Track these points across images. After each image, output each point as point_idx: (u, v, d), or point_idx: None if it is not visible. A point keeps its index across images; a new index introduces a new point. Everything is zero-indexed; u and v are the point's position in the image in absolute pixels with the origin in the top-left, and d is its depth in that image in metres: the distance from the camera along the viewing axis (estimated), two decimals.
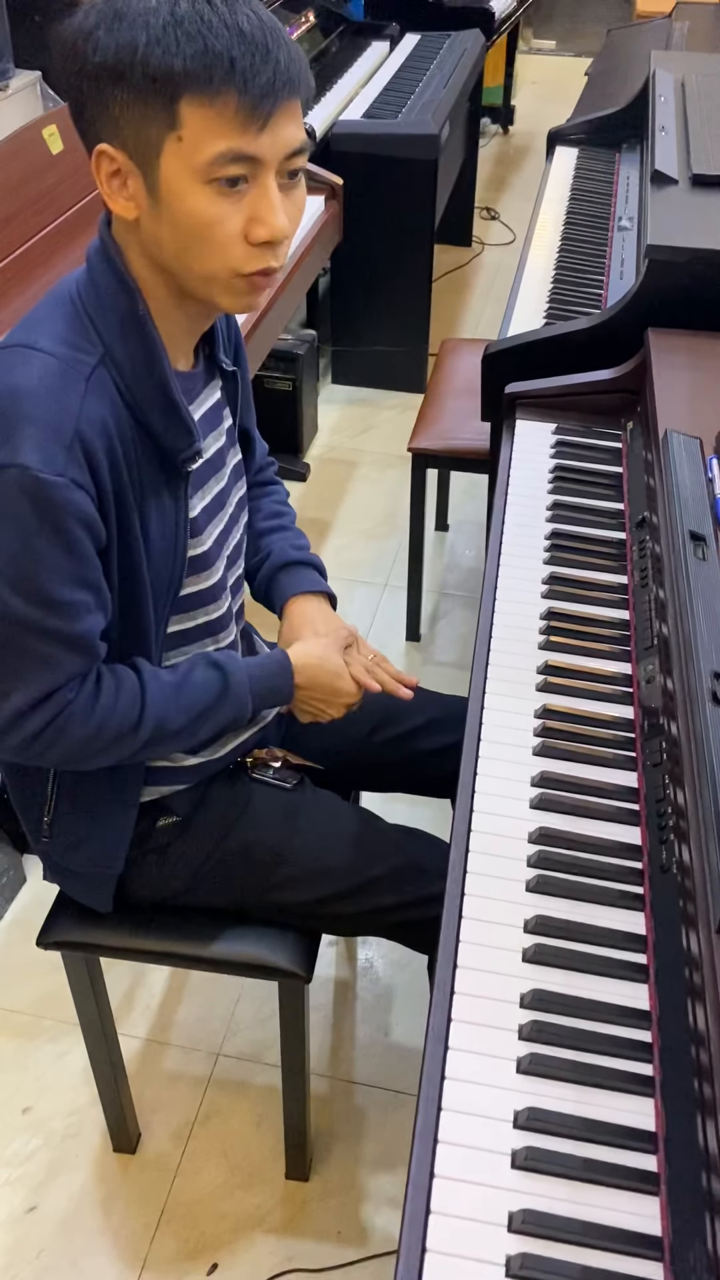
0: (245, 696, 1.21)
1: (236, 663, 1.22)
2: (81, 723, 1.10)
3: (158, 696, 1.14)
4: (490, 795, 1.11)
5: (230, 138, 0.93)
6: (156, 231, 0.99)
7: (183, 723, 1.17)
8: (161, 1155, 1.66)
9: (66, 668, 1.07)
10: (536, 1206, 0.80)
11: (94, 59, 0.93)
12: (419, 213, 3.25)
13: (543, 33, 6.97)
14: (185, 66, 0.90)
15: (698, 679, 1.03)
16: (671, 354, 1.57)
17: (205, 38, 0.90)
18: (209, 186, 0.95)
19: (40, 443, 0.97)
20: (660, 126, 2.07)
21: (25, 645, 1.05)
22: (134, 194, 0.98)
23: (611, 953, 0.97)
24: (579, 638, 1.30)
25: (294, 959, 1.33)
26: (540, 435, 1.66)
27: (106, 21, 0.92)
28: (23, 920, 1.97)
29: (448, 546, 2.91)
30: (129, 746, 1.15)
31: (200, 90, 0.91)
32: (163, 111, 0.92)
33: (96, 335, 1.03)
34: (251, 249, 0.99)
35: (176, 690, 1.16)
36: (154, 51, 0.90)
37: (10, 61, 3.00)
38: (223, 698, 1.19)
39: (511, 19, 4.64)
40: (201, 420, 1.17)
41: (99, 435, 1.01)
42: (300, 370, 3.01)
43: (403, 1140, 1.67)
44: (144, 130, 0.94)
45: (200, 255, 0.99)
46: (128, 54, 0.91)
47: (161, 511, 1.11)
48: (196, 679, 1.18)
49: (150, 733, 1.14)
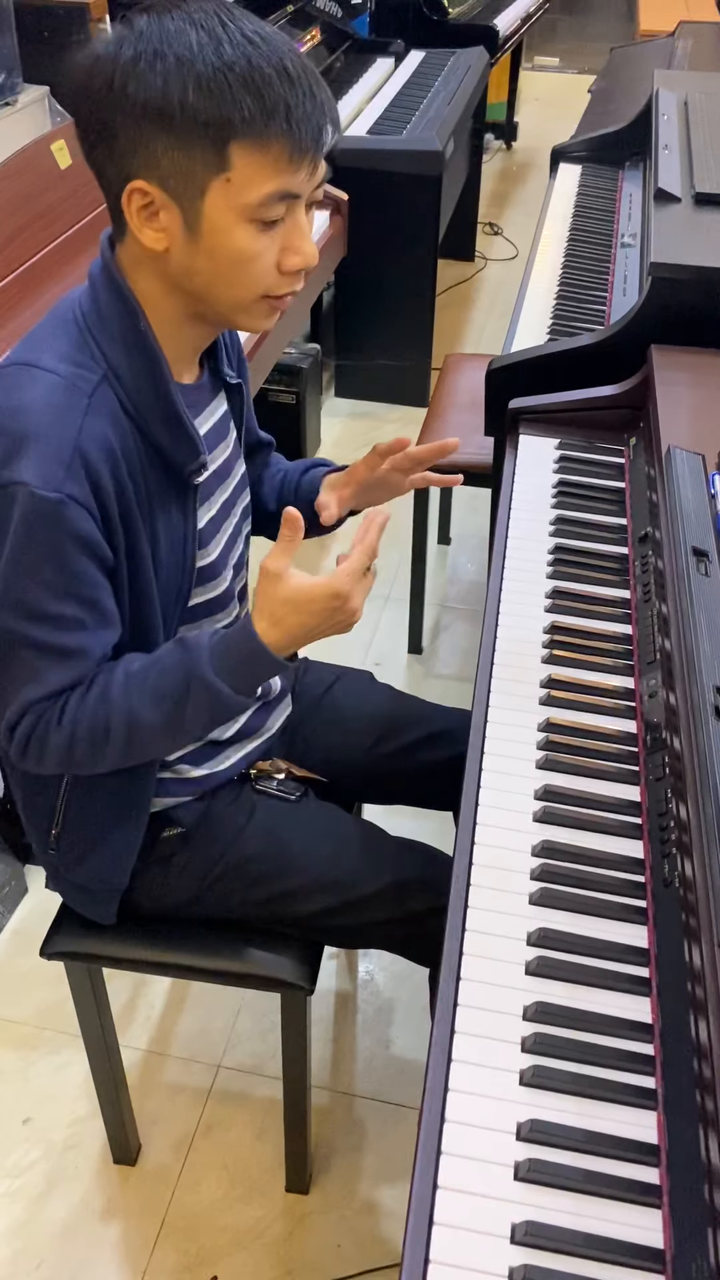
0: (209, 675, 1.06)
1: (200, 640, 1.10)
2: (56, 730, 1.08)
3: (121, 690, 1.07)
4: (493, 808, 1.11)
5: (280, 180, 0.96)
6: (190, 263, 1.00)
7: (157, 714, 1.08)
8: (162, 1167, 1.66)
9: (48, 681, 1.06)
10: (539, 1218, 0.81)
11: (136, 97, 0.92)
12: (423, 228, 3.27)
13: (546, 50, 7.02)
14: (243, 117, 0.92)
15: (700, 694, 1.03)
16: (674, 370, 1.58)
17: (259, 86, 0.92)
18: (252, 224, 0.97)
19: (40, 460, 0.98)
20: (663, 145, 2.08)
21: (12, 656, 1.06)
22: (166, 226, 0.99)
23: (614, 966, 0.97)
24: (582, 652, 1.30)
25: (296, 971, 1.34)
26: (543, 450, 1.67)
27: (147, 58, 0.92)
28: (24, 931, 1.97)
29: (450, 560, 2.92)
30: (110, 746, 1.09)
31: (255, 137, 0.93)
32: (212, 154, 0.94)
33: (100, 353, 1.04)
34: (282, 276, 1.02)
35: (143, 678, 1.08)
36: (206, 98, 0.91)
37: (19, 76, 3.02)
38: (189, 680, 1.07)
39: (515, 36, 4.67)
40: (210, 432, 1.18)
41: (102, 452, 1.01)
42: (304, 384, 3.02)
43: (403, 1153, 1.67)
44: (189, 171, 0.95)
45: (234, 285, 1.01)
46: (176, 97, 0.91)
47: (170, 525, 1.12)
48: (166, 664, 1.09)
49: (125, 729, 1.08)
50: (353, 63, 3.79)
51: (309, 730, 1.47)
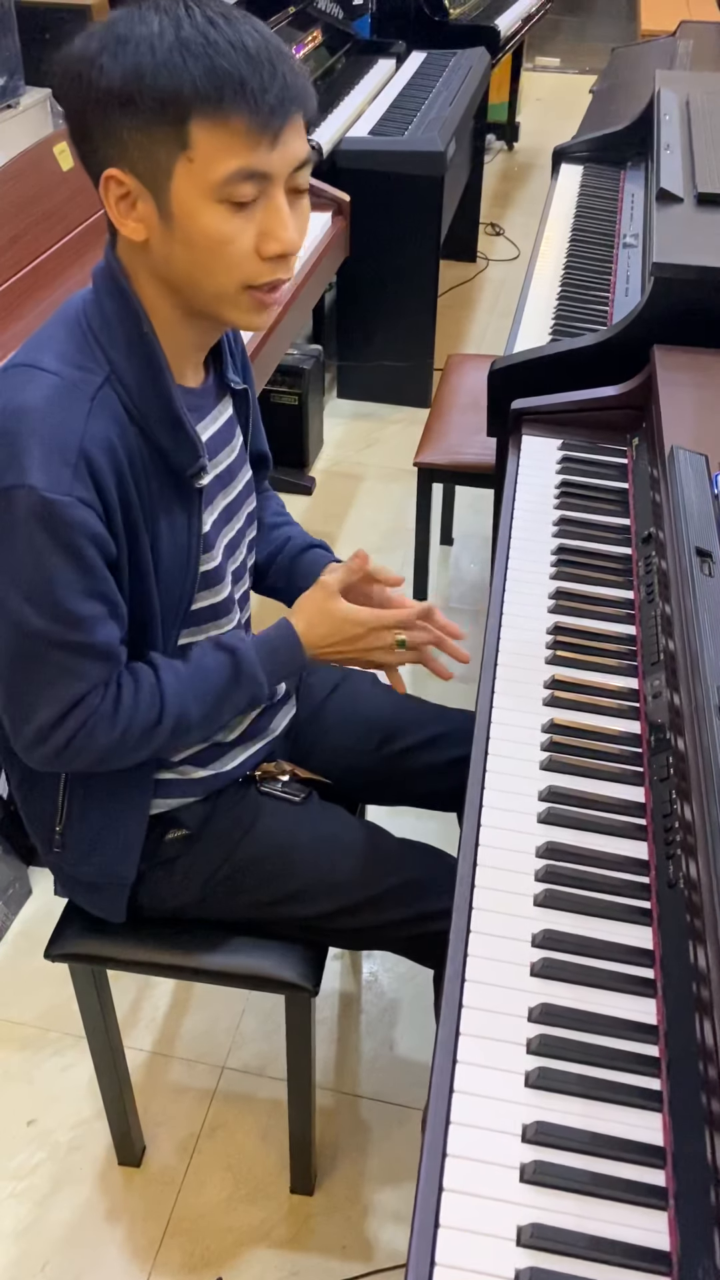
0: (257, 671, 1.21)
1: (243, 641, 1.22)
2: (108, 728, 1.11)
3: (175, 689, 1.15)
4: (498, 809, 1.11)
5: (241, 156, 0.94)
6: (168, 251, 1.00)
7: (202, 710, 1.18)
8: (166, 1169, 1.66)
9: (89, 676, 1.09)
10: (545, 1221, 0.81)
11: (100, 85, 0.93)
12: (425, 228, 3.27)
13: (548, 50, 7.02)
14: (194, 88, 0.91)
15: (704, 694, 1.03)
16: (677, 371, 1.58)
17: (212, 58, 0.91)
18: (221, 205, 0.96)
19: (46, 462, 0.99)
20: (665, 145, 2.08)
21: (47, 659, 1.07)
22: (144, 216, 0.99)
23: (619, 967, 0.97)
24: (585, 653, 1.30)
25: (300, 972, 1.34)
26: (546, 450, 1.67)
27: (111, 47, 0.93)
28: (28, 933, 1.97)
29: (453, 560, 2.92)
30: (157, 741, 1.16)
31: (210, 111, 0.92)
32: (173, 134, 0.93)
33: (103, 354, 1.04)
34: (263, 263, 1.00)
35: (191, 679, 1.17)
36: (161, 74, 0.91)
37: (21, 79, 3.03)
38: (236, 678, 1.20)
39: (517, 37, 4.67)
40: (214, 437, 1.18)
41: (104, 453, 1.02)
42: (306, 385, 3.02)
43: (408, 1154, 1.67)
44: (154, 153, 0.95)
45: (212, 272, 1.00)
46: (134, 78, 0.92)
47: (173, 528, 1.12)
48: (209, 665, 1.19)
49: (173, 725, 1.16)
50: (354, 64, 3.79)
51: (313, 732, 1.47)
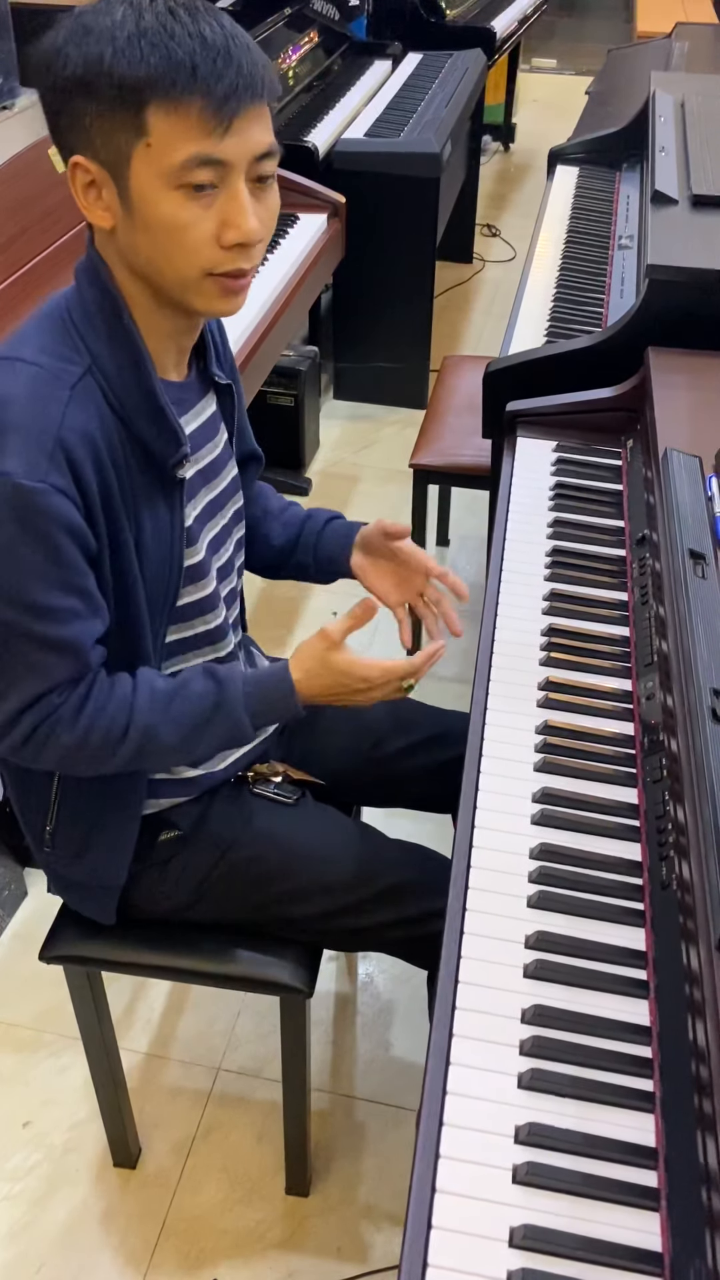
0: (240, 713, 1.17)
1: (234, 677, 1.18)
2: (69, 728, 1.10)
3: (146, 705, 1.13)
4: (491, 811, 1.11)
5: (196, 142, 0.95)
6: (132, 238, 1.01)
7: (177, 734, 1.15)
8: (162, 1170, 1.66)
9: (54, 673, 1.08)
10: (537, 1222, 0.81)
11: (64, 73, 0.95)
12: (421, 230, 3.27)
13: (544, 51, 7.03)
14: (149, 74, 0.93)
15: (697, 696, 1.03)
16: (672, 373, 1.58)
17: (168, 46, 0.93)
18: (178, 192, 0.97)
19: (23, 450, 0.99)
20: (660, 147, 2.09)
21: (14, 650, 1.07)
22: (109, 203, 1.00)
23: (612, 968, 0.97)
24: (579, 654, 1.30)
25: (295, 974, 1.34)
26: (541, 452, 1.67)
27: (75, 37, 0.95)
28: (24, 934, 1.97)
29: (448, 561, 2.92)
30: (122, 753, 1.13)
31: (165, 96, 0.93)
32: (131, 120, 0.95)
33: (84, 346, 1.05)
34: (223, 252, 1.01)
35: (169, 700, 1.14)
36: (120, 62, 0.93)
37: (16, 80, 3.02)
38: (216, 712, 1.16)
39: (513, 38, 4.67)
40: (197, 431, 1.18)
41: (83, 443, 1.02)
42: (302, 386, 3.02)
43: (403, 1156, 1.67)
44: (114, 139, 0.96)
45: (172, 259, 1.01)
46: (95, 66, 0.94)
47: (156, 519, 1.12)
48: (192, 691, 1.16)
49: (138, 741, 1.13)
50: (350, 65, 3.80)
51: (307, 732, 1.47)
